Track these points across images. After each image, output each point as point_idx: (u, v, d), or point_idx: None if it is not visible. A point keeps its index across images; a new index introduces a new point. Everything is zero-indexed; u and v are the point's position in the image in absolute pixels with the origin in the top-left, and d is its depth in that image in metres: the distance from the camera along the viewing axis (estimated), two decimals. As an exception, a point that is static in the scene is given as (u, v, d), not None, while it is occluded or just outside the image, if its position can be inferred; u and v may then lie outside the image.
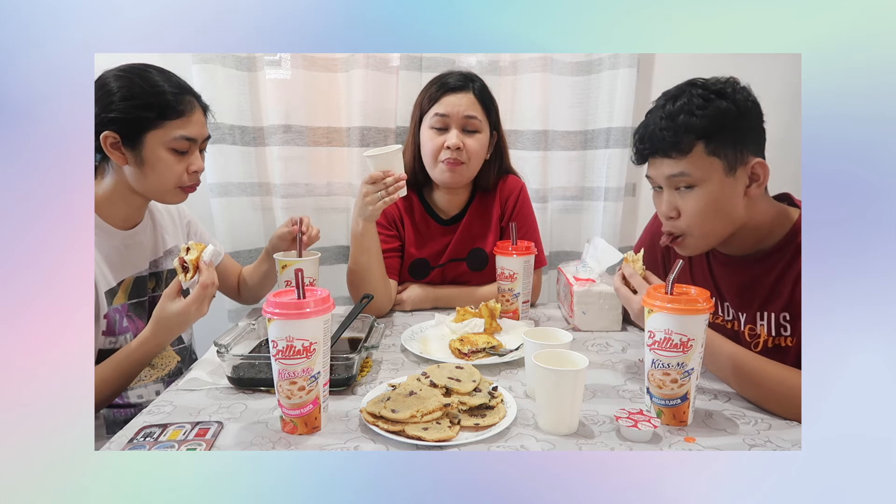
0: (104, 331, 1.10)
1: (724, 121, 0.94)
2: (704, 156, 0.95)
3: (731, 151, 0.95)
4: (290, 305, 0.80)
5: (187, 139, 1.09)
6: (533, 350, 0.93)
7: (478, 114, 1.42)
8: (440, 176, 1.44)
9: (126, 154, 1.07)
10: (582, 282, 1.31)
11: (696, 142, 0.95)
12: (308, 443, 0.82)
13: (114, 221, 1.14)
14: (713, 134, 0.94)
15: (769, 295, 1.02)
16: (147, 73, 1.08)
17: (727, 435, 0.84)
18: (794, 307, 0.99)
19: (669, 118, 0.96)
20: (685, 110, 0.95)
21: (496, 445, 0.81)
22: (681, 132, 0.95)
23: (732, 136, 0.95)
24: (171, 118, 1.06)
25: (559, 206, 1.97)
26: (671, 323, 0.83)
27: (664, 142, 0.96)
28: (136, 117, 1.05)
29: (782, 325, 1.01)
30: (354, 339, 1.18)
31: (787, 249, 1.00)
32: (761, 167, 0.97)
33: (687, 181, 0.97)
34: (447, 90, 1.41)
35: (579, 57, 1.87)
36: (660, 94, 1.03)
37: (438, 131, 1.41)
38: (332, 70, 1.78)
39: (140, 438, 0.82)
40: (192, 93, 1.12)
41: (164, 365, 1.23)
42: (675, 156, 0.96)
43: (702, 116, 0.94)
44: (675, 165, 0.97)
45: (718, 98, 0.95)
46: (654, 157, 1.00)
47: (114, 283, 1.13)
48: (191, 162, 1.11)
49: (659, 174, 1.00)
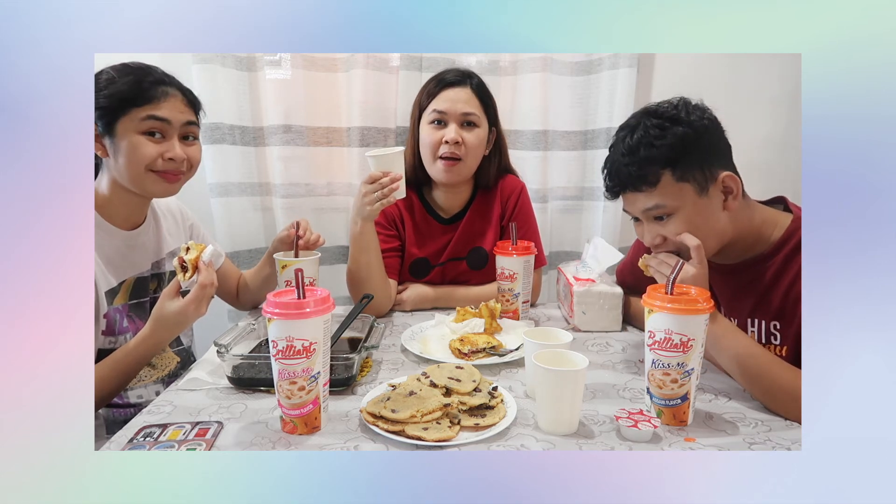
0: (104, 330, 1.10)
1: (684, 145, 0.95)
2: (674, 182, 0.96)
3: (698, 172, 0.96)
4: (290, 305, 0.80)
5: (156, 119, 1.07)
6: (533, 350, 0.93)
7: (476, 109, 1.42)
8: (438, 174, 1.44)
9: (105, 146, 1.08)
10: (582, 282, 1.31)
11: (661, 171, 0.95)
12: (308, 443, 0.82)
13: (116, 221, 1.14)
14: (676, 160, 0.95)
15: (760, 302, 1.02)
16: (127, 66, 1.09)
17: (727, 435, 0.84)
18: (785, 316, 0.99)
19: (630, 153, 0.97)
20: (643, 143, 0.96)
21: (496, 445, 0.81)
22: (645, 165, 0.96)
23: (696, 158, 0.95)
24: (139, 104, 1.06)
25: (559, 206, 1.97)
26: (671, 323, 0.83)
27: (631, 177, 0.97)
28: (108, 106, 1.05)
29: (773, 333, 1.01)
30: (354, 339, 1.18)
31: (777, 256, 0.99)
32: (731, 180, 0.98)
33: (662, 211, 0.98)
34: (445, 85, 1.42)
35: (579, 57, 1.87)
36: (617, 128, 1.04)
37: (437, 126, 1.42)
38: (332, 70, 1.78)
39: (140, 438, 0.82)
40: (176, 85, 1.11)
41: (164, 365, 1.23)
42: (646, 189, 0.97)
43: (661, 146, 0.95)
44: (648, 198, 0.98)
45: (673, 124, 0.95)
46: (625, 192, 1.01)
47: (115, 283, 1.13)
48: (167, 148, 1.09)
49: (634, 209, 1.01)
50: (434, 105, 1.42)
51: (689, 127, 0.95)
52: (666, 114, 0.97)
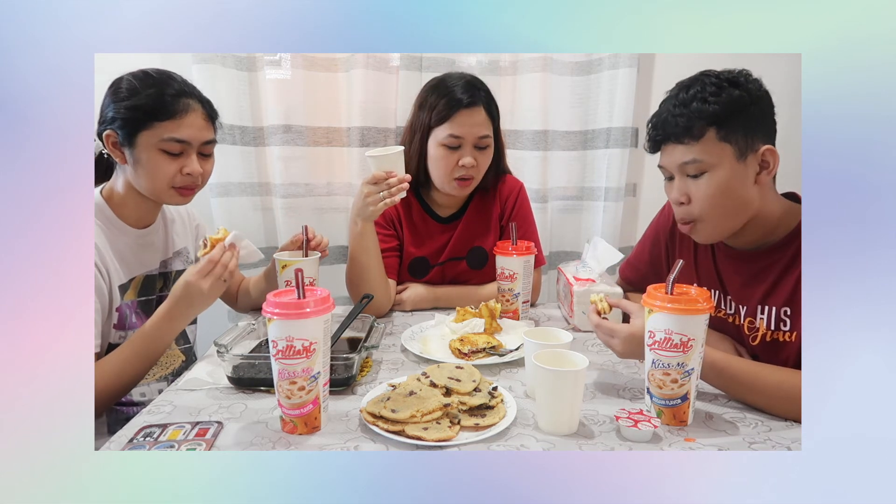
0: (115, 324, 1.12)
1: (736, 107, 0.96)
2: (716, 141, 0.97)
3: (741, 137, 0.97)
4: (290, 305, 0.80)
5: (177, 141, 1.08)
6: (533, 350, 0.93)
7: (489, 129, 1.42)
8: (451, 190, 1.45)
9: (124, 153, 1.10)
10: (582, 282, 1.31)
11: (707, 128, 0.97)
12: (308, 443, 0.82)
13: (128, 220, 1.17)
14: (724, 120, 0.96)
15: (771, 289, 1.02)
16: (149, 76, 1.10)
17: (727, 435, 0.84)
18: (795, 302, 0.99)
19: (682, 105, 0.98)
20: (698, 98, 0.97)
21: (496, 445, 0.81)
22: (693, 117, 0.97)
23: (743, 123, 0.97)
24: (161, 119, 1.07)
25: (559, 206, 1.97)
26: (671, 323, 0.83)
27: (677, 127, 0.98)
28: (131, 117, 1.06)
29: (782, 319, 1.01)
30: (354, 339, 1.18)
31: (792, 245, 1.00)
32: (771, 154, 0.99)
33: (698, 167, 0.98)
34: (460, 107, 1.37)
35: (579, 57, 1.86)
36: (674, 85, 1.05)
37: (451, 150, 1.39)
38: (332, 70, 1.78)
39: (140, 438, 0.82)
40: (196, 97, 1.13)
41: (169, 364, 1.24)
42: (688, 141, 0.98)
43: (714, 103, 0.96)
44: (688, 152, 0.99)
45: (731, 86, 0.97)
46: (667, 143, 1.02)
47: (125, 280, 1.15)
48: (185, 164, 1.11)
49: (671, 161, 1.02)
50: (449, 130, 1.37)
51: (745, 92, 0.97)
52: (726, 75, 0.99)
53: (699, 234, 1.05)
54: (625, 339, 0.97)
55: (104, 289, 1.09)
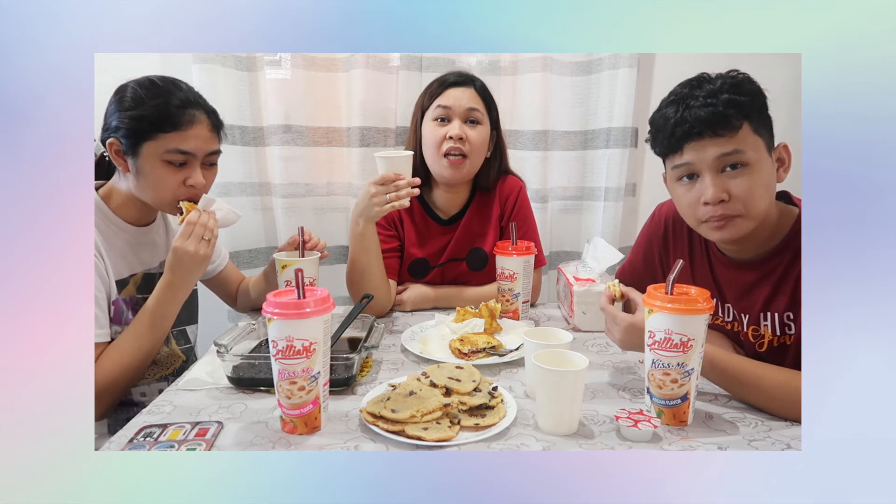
0: (111, 318, 1.12)
1: (762, 100, 0.95)
2: (751, 133, 0.93)
3: (766, 132, 0.95)
4: (290, 305, 0.80)
5: (181, 153, 1.08)
6: (533, 350, 0.93)
7: (479, 107, 1.43)
8: (442, 171, 1.44)
9: (127, 162, 1.09)
10: (582, 282, 1.31)
11: (743, 119, 0.92)
12: (308, 443, 0.82)
13: (127, 218, 1.17)
14: (755, 113, 0.94)
15: (772, 295, 1.01)
16: (155, 84, 1.09)
17: (727, 435, 0.84)
18: (797, 305, 0.98)
19: (712, 96, 0.92)
20: (725, 88, 0.93)
21: (496, 445, 0.81)
22: (728, 107, 0.91)
23: (767, 118, 0.96)
24: (166, 130, 1.06)
25: (559, 206, 1.97)
26: (671, 323, 0.83)
27: (715, 116, 0.91)
28: (135, 128, 1.06)
29: (786, 323, 1.00)
30: (354, 339, 1.18)
31: (788, 249, 0.99)
32: (786, 151, 0.98)
33: (739, 159, 0.93)
34: (449, 85, 1.43)
35: (579, 57, 1.86)
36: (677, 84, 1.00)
37: (441, 123, 1.42)
38: (332, 70, 1.78)
39: (140, 438, 0.82)
40: (202, 107, 1.12)
41: (169, 364, 1.24)
42: (725, 133, 0.92)
43: (746, 92, 0.93)
44: (727, 144, 0.92)
45: (748, 82, 0.95)
46: (699, 138, 0.94)
47: (123, 275, 1.15)
48: (189, 175, 1.10)
49: (703, 157, 0.94)
50: (438, 102, 1.42)
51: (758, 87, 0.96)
52: (741, 73, 0.96)
53: (733, 228, 0.96)
54: (625, 329, 0.96)
55: (105, 276, 1.09)
